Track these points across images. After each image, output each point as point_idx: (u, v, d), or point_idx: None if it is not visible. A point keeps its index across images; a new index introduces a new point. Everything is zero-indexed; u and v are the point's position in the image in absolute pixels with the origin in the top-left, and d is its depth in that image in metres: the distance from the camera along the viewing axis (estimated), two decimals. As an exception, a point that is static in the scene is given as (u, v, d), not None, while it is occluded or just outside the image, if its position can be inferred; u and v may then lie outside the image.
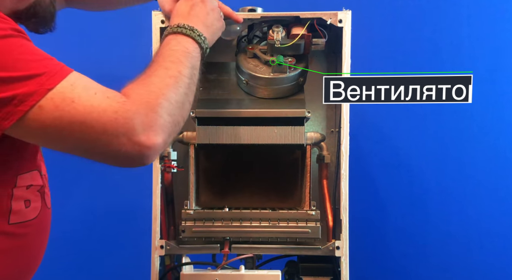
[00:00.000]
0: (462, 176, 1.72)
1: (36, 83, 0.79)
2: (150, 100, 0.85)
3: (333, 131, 1.33)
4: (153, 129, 0.83)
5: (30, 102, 0.78)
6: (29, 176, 0.97)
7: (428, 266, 1.74)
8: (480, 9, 1.71)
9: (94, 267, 1.78)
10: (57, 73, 0.81)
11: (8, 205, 0.92)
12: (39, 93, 0.78)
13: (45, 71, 0.80)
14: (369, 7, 1.71)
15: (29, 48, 0.82)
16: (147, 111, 0.83)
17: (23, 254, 0.98)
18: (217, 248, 1.23)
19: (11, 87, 0.77)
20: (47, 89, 0.79)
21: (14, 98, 0.77)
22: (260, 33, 1.29)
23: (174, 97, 0.89)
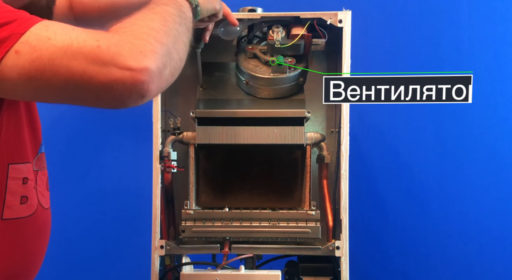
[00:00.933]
0: (462, 176, 1.72)
1: (8, 29, 0.74)
2: (134, 30, 0.77)
3: (333, 131, 1.33)
4: (142, 54, 0.74)
5: (3, 49, 0.73)
6: (24, 168, 0.94)
7: (428, 266, 1.74)
8: (480, 9, 1.71)
9: (94, 267, 1.78)
10: (30, 19, 0.76)
11: (1, 196, 0.90)
12: (12, 38, 0.74)
13: (16, 18, 0.75)
14: (369, 7, 1.71)
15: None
16: (132, 39, 0.75)
17: (19, 254, 0.96)
18: (217, 248, 1.23)
19: None
20: (20, 33, 0.74)
21: None
22: (260, 33, 1.29)
23: (161, 27, 0.80)
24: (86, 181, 1.73)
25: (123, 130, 1.75)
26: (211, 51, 1.35)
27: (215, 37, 1.25)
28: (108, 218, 1.77)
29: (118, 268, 1.78)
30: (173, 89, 1.34)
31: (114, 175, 1.74)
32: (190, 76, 1.34)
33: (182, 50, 0.84)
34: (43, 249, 1.03)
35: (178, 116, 1.28)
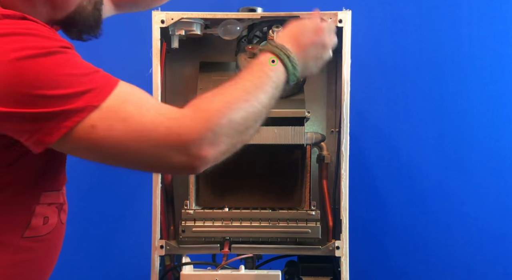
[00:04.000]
0: (462, 176, 1.72)
1: (84, 99, 0.78)
2: (211, 118, 0.83)
3: (333, 131, 1.33)
4: (205, 146, 0.82)
5: (77, 118, 0.77)
6: (54, 195, 0.96)
7: (428, 266, 1.74)
8: (480, 9, 1.71)
9: (94, 267, 1.78)
10: (105, 88, 0.80)
11: (27, 220, 0.92)
12: (88, 109, 0.78)
13: (92, 87, 0.79)
14: (369, 7, 1.71)
15: (74, 64, 0.81)
16: (203, 129, 0.82)
17: (32, 268, 0.97)
18: (217, 248, 1.23)
19: (57, 104, 0.77)
20: (95, 106, 0.78)
21: (60, 114, 0.77)
22: (260, 33, 1.29)
23: (240, 121, 0.86)
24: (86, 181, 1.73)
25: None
26: (211, 51, 1.36)
27: (215, 37, 1.25)
28: (108, 218, 1.77)
29: (118, 268, 1.78)
30: (173, 89, 1.34)
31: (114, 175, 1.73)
32: (190, 76, 1.34)
33: (248, 137, 0.90)
34: (54, 263, 1.03)
35: (178, 116, 1.28)
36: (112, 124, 0.79)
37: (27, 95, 0.76)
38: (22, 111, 0.76)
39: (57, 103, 0.77)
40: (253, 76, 0.92)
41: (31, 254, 0.95)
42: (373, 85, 1.73)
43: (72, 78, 0.78)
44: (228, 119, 0.84)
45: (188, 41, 1.28)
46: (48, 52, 0.78)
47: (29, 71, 0.76)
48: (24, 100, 0.76)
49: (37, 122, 0.77)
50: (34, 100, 0.76)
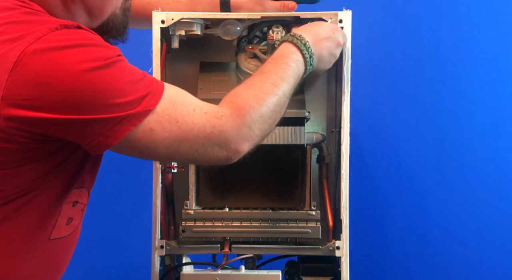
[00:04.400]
0: (462, 176, 1.72)
1: (142, 104, 0.85)
2: (246, 116, 0.93)
3: (333, 131, 1.33)
4: (243, 141, 0.93)
5: (137, 122, 0.85)
6: (78, 193, 0.99)
7: (428, 266, 1.74)
8: (480, 9, 1.71)
9: (94, 267, 1.78)
10: (156, 91, 0.88)
11: (55, 220, 0.95)
12: (145, 113, 0.86)
13: (147, 92, 0.87)
14: (369, 7, 1.71)
15: (130, 70, 0.88)
16: (242, 126, 0.93)
17: (54, 268, 1.00)
18: (217, 248, 1.23)
19: (122, 110, 0.84)
20: (149, 109, 0.86)
21: (124, 118, 0.84)
22: (260, 33, 1.29)
23: (269, 114, 0.97)
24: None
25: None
26: (211, 51, 1.36)
27: (215, 37, 1.25)
28: (108, 218, 1.77)
29: (118, 268, 1.78)
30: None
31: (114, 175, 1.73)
32: (190, 76, 1.34)
33: (273, 126, 1.01)
34: (69, 259, 1.06)
35: (178, 116, 1.28)
36: (167, 126, 0.88)
37: (99, 104, 0.82)
38: (93, 117, 0.82)
39: (123, 109, 0.84)
40: (278, 69, 1.02)
41: (55, 254, 0.99)
42: (373, 85, 1.73)
43: (133, 85, 0.86)
44: (260, 114, 0.95)
45: (188, 41, 1.27)
46: (111, 62, 0.84)
47: (99, 82, 0.82)
48: (96, 109, 0.82)
49: (103, 127, 0.83)
50: (105, 108, 0.82)
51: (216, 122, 0.91)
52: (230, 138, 0.91)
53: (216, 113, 0.92)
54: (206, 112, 0.91)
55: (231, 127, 0.92)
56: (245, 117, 0.93)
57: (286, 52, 1.05)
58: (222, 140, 0.91)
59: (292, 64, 1.03)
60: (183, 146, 0.90)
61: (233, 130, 0.92)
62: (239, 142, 0.92)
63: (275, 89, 0.98)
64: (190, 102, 0.92)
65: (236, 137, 0.92)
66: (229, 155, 0.93)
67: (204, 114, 0.91)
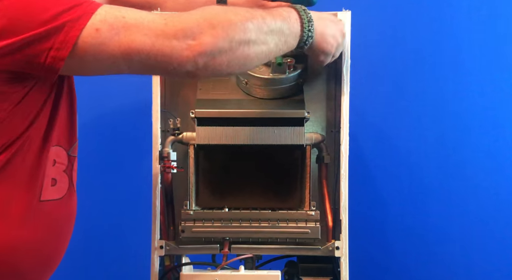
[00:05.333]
0: (462, 176, 1.72)
1: (79, 10, 0.83)
2: (206, 14, 0.88)
3: (332, 131, 1.33)
4: (203, 31, 0.86)
5: (79, 26, 0.82)
6: (55, 151, 0.99)
7: (428, 266, 1.74)
8: (480, 9, 1.71)
9: (94, 267, 1.78)
10: (94, 2, 0.85)
11: (40, 179, 0.95)
12: (85, 17, 0.83)
13: (83, 1, 0.85)
14: (369, 7, 1.71)
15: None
16: (201, 19, 0.87)
17: (52, 236, 1.00)
18: (217, 249, 1.23)
19: (61, 18, 0.82)
20: (91, 12, 0.83)
21: (64, 25, 0.82)
22: (260, 33, 1.28)
23: (238, 25, 0.89)
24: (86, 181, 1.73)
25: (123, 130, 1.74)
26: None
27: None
28: (108, 218, 1.77)
29: (118, 268, 1.78)
30: (172, 89, 1.34)
31: (114, 175, 1.73)
32: (190, 76, 1.34)
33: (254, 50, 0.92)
34: (71, 233, 1.07)
35: (177, 116, 1.28)
36: (113, 24, 0.84)
37: (35, 17, 0.81)
38: (35, 33, 0.81)
39: (61, 17, 0.82)
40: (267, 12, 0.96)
41: (49, 220, 0.98)
42: (373, 85, 1.73)
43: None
44: (228, 18, 0.88)
45: (188, 41, 1.27)
46: None
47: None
48: (34, 23, 0.81)
49: (48, 40, 0.81)
50: (43, 20, 0.81)
51: (168, 16, 0.87)
52: (185, 27, 0.86)
53: (169, 13, 0.89)
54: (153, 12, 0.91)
55: (186, 18, 0.87)
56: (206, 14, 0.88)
57: (280, 10, 1.00)
58: (177, 29, 0.86)
59: (285, 13, 0.98)
60: (136, 41, 0.84)
61: (189, 21, 0.87)
62: (198, 33, 0.86)
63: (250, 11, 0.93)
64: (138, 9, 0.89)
65: (193, 27, 0.86)
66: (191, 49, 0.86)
67: (150, 13, 0.89)
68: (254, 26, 0.91)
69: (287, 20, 0.98)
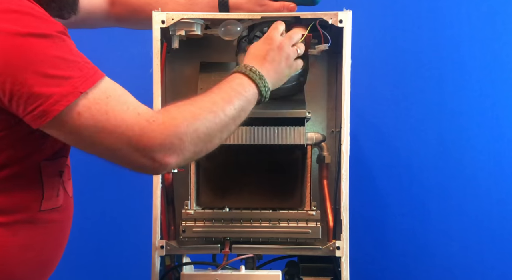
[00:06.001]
0: (462, 176, 1.72)
1: (71, 85, 0.84)
2: (179, 126, 0.91)
3: (333, 131, 1.33)
4: (171, 152, 0.90)
5: (65, 103, 0.83)
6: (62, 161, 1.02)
7: (428, 266, 1.74)
8: (480, 9, 1.71)
9: (94, 267, 1.78)
10: (91, 77, 0.86)
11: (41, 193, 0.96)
12: (73, 95, 0.84)
13: (81, 74, 0.85)
14: (370, 7, 1.71)
15: (68, 49, 0.86)
16: (171, 136, 0.90)
17: (51, 242, 1.01)
18: (218, 248, 1.23)
19: (50, 84, 0.82)
20: (80, 92, 0.84)
21: (51, 96, 0.82)
22: (260, 34, 1.28)
23: (204, 130, 0.94)
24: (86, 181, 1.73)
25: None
26: (211, 51, 1.36)
27: (215, 37, 1.25)
28: (109, 218, 1.77)
29: (118, 268, 1.78)
30: (173, 89, 1.34)
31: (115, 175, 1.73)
32: (190, 76, 1.34)
33: (213, 146, 0.98)
34: (66, 239, 1.08)
35: (178, 116, 1.28)
36: (95, 114, 0.86)
37: (25, 70, 0.81)
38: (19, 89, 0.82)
39: (50, 83, 0.82)
40: (220, 91, 1.00)
41: (48, 227, 1.00)
42: (373, 85, 1.73)
43: (66, 62, 0.85)
44: (194, 128, 0.92)
45: (189, 42, 1.27)
46: (47, 34, 0.84)
47: (29, 48, 0.82)
48: (21, 76, 0.81)
49: (32, 103, 0.83)
50: (31, 77, 0.82)
51: (147, 125, 0.88)
52: (156, 145, 0.88)
53: (149, 117, 0.89)
54: (140, 113, 0.89)
55: (160, 134, 0.89)
56: (177, 127, 0.90)
57: (230, 78, 1.04)
58: (148, 145, 0.88)
59: (237, 87, 1.02)
60: (106, 140, 0.87)
61: (161, 137, 0.89)
62: (166, 153, 0.89)
63: (213, 107, 0.96)
64: (126, 100, 0.90)
65: (163, 146, 0.89)
66: (153, 164, 0.90)
67: (137, 114, 0.89)
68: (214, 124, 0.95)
69: (239, 92, 1.01)
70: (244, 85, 1.03)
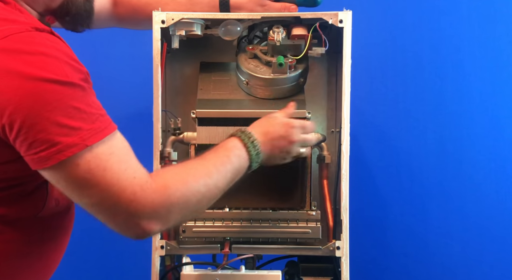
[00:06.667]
0: (462, 176, 1.72)
1: (79, 136, 0.83)
2: (171, 197, 0.90)
3: (333, 131, 1.33)
4: (155, 221, 0.89)
5: (68, 153, 0.82)
6: None
7: (428, 266, 1.74)
8: (480, 9, 1.71)
9: (94, 267, 1.78)
10: (101, 132, 0.85)
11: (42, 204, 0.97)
12: (78, 147, 0.83)
13: (91, 127, 0.84)
14: (369, 7, 1.71)
15: (84, 99, 0.85)
16: (161, 206, 0.89)
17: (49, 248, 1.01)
18: (218, 248, 1.23)
19: (58, 132, 0.82)
20: (86, 145, 0.83)
21: (56, 145, 0.82)
22: (261, 34, 1.29)
23: (195, 202, 0.93)
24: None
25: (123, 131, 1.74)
26: (211, 51, 1.36)
27: (215, 37, 1.25)
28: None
29: (118, 268, 1.78)
30: (173, 89, 1.34)
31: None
32: (190, 76, 1.34)
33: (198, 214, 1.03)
34: (67, 243, 1.08)
35: (178, 116, 1.28)
36: (93, 168, 0.84)
37: (36, 115, 0.80)
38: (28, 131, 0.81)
39: (58, 132, 0.82)
40: (218, 161, 0.99)
41: (45, 232, 1.00)
42: (373, 85, 1.73)
43: (79, 112, 0.83)
44: (185, 199, 0.91)
45: (189, 42, 1.28)
46: (67, 82, 0.83)
47: (44, 94, 0.81)
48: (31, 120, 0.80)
49: (34, 147, 0.82)
50: (40, 121, 0.81)
51: (139, 191, 0.87)
52: (144, 213, 0.87)
53: (144, 183, 0.88)
54: (136, 177, 0.87)
55: (150, 203, 0.87)
56: (168, 198, 0.89)
57: (230, 146, 1.02)
58: (136, 211, 0.86)
59: (234, 158, 1.00)
60: (97, 196, 0.85)
61: (151, 206, 0.88)
62: (152, 221, 0.88)
63: (208, 180, 0.95)
64: (127, 161, 0.89)
65: (150, 214, 0.88)
66: (136, 230, 0.88)
67: (133, 178, 0.87)
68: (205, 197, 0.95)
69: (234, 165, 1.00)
70: (241, 157, 1.02)
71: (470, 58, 1.71)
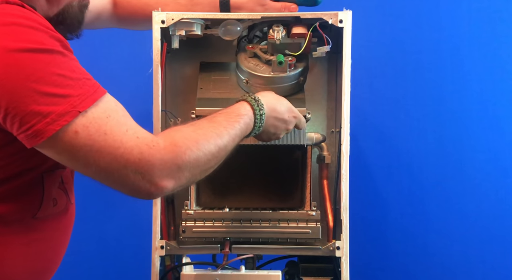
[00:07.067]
0: (462, 176, 1.72)
1: (70, 103, 0.81)
2: (181, 154, 0.89)
3: (333, 131, 1.33)
4: (168, 178, 0.88)
5: (62, 122, 0.81)
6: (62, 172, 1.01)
7: (428, 266, 1.74)
8: (480, 9, 1.71)
9: (95, 267, 1.78)
10: (91, 96, 0.84)
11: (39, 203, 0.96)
12: (71, 114, 0.81)
13: (80, 92, 0.83)
14: (369, 7, 1.71)
15: (67, 65, 0.84)
16: (171, 162, 0.88)
17: (47, 249, 1.01)
18: (218, 248, 1.23)
19: (47, 102, 0.80)
20: (78, 111, 0.82)
21: (47, 116, 0.80)
22: (260, 33, 1.29)
23: (205, 161, 0.93)
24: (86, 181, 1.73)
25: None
26: (211, 51, 1.35)
27: (215, 37, 1.25)
28: (109, 218, 1.77)
29: (118, 268, 1.78)
30: (173, 89, 1.34)
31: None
32: (190, 76, 1.34)
33: (206, 173, 0.97)
34: (66, 244, 1.08)
35: (178, 116, 1.28)
36: (93, 133, 0.83)
37: (21, 88, 0.79)
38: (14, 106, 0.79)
39: (47, 101, 0.80)
40: (229, 123, 0.99)
41: (44, 233, 0.99)
42: (373, 85, 1.73)
43: (64, 79, 0.82)
44: (195, 158, 0.90)
45: (189, 41, 1.27)
46: (47, 49, 0.81)
47: (26, 64, 0.79)
48: (18, 94, 0.79)
49: (27, 121, 0.80)
50: (27, 94, 0.79)
51: (146, 149, 0.86)
52: (155, 170, 0.86)
53: (149, 142, 0.87)
54: (139, 137, 0.87)
55: (160, 160, 0.86)
56: (178, 155, 0.88)
57: (242, 112, 1.03)
58: (146, 169, 0.85)
59: (243, 125, 1.01)
60: (103, 161, 0.84)
61: (161, 163, 0.86)
62: (164, 178, 0.87)
63: (219, 140, 0.95)
64: (126, 122, 0.88)
65: (162, 171, 0.87)
66: (149, 188, 0.87)
67: (136, 137, 0.86)
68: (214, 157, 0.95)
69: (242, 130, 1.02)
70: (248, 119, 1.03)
71: (470, 58, 1.71)
